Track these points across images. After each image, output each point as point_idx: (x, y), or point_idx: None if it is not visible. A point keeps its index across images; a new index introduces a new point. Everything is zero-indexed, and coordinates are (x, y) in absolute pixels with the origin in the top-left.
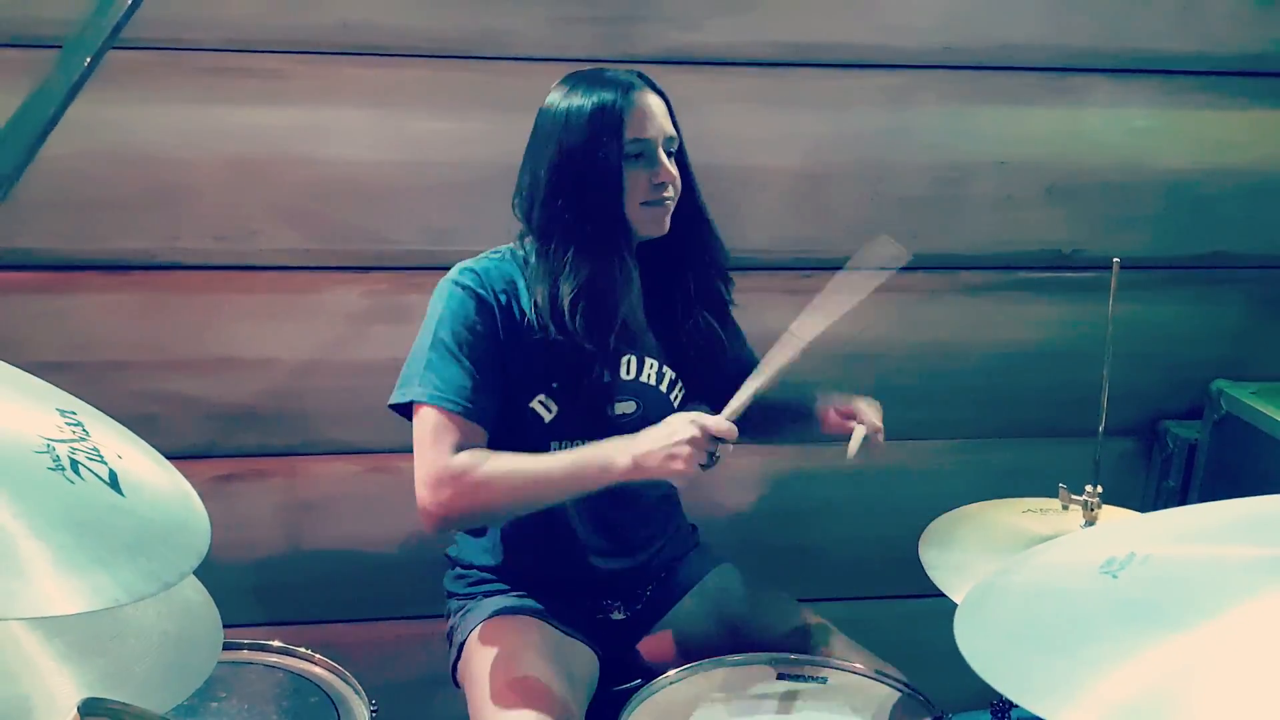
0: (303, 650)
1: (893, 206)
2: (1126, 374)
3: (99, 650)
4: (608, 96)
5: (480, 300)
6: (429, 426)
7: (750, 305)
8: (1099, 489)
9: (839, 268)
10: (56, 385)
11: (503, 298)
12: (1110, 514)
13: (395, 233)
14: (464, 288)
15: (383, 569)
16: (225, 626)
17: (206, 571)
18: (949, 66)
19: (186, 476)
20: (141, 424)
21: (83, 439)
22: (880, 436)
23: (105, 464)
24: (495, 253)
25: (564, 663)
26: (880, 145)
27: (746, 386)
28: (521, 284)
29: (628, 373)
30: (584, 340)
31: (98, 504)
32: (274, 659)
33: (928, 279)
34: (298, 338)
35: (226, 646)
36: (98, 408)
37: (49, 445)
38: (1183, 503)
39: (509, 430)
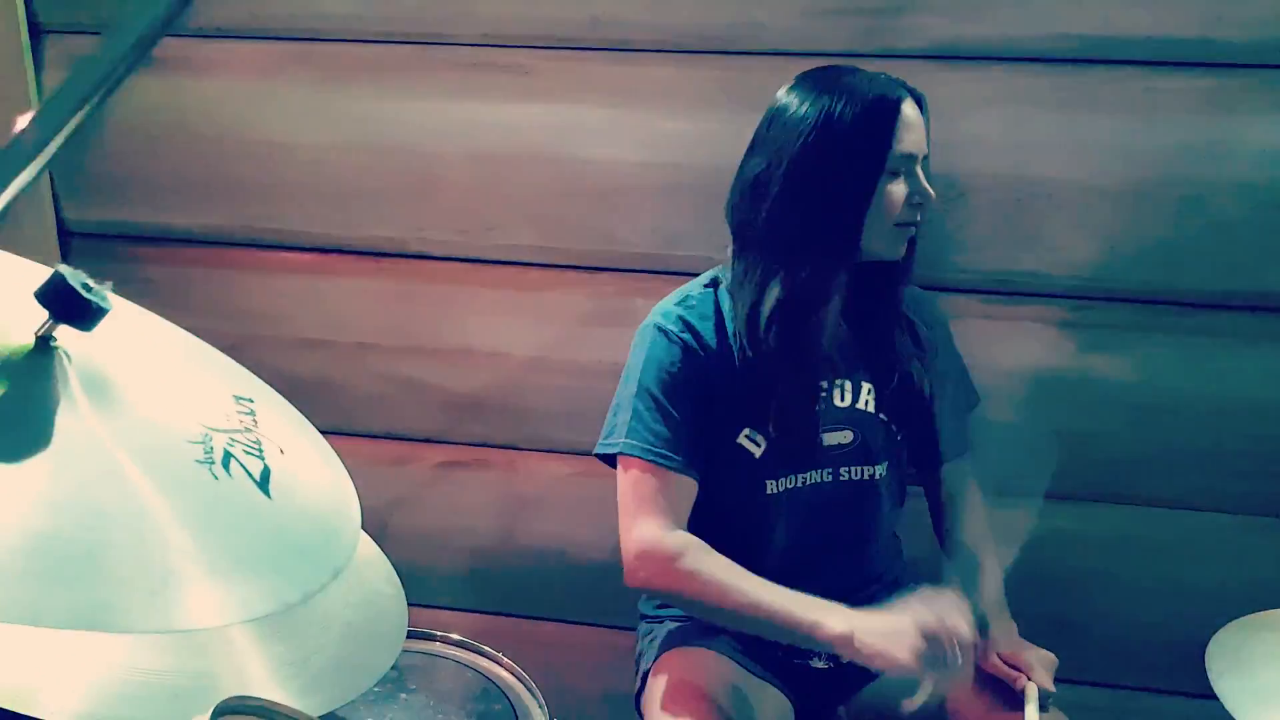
0: (490, 650)
1: (1204, 231)
2: None
3: (281, 635)
4: (875, 104)
5: (685, 347)
6: (637, 483)
7: (1022, 337)
8: None
9: (1129, 299)
10: (312, 362)
11: (708, 336)
12: None
13: (626, 234)
14: (665, 333)
15: (589, 573)
16: (439, 608)
17: (428, 553)
18: None
19: (416, 460)
20: (380, 404)
21: (248, 430)
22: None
23: (262, 459)
24: (704, 278)
25: (747, 706)
26: (1193, 159)
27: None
28: (728, 310)
29: (842, 399)
30: (783, 363)
31: (237, 505)
32: (467, 656)
33: (1239, 321)
34: (526, 334)
35: (423, 636)
36: (346, 386)
37: (206, 436)
38: None
39: (718, 469)
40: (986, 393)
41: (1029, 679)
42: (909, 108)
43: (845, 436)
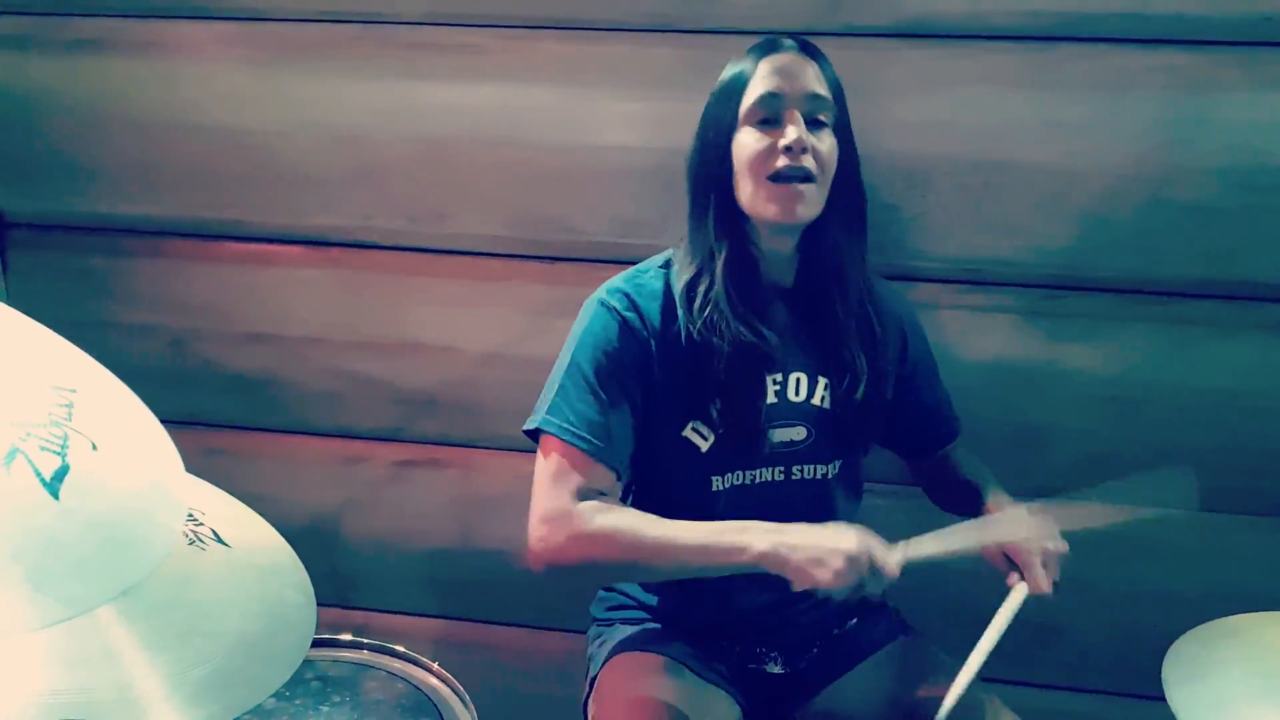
0: (423, 659)
1: (1177, 216)
2: None
3: (165, 646)
4: (746, 60)
5: (625, 325)
6: (553, 461)
7: (989, 328)
8: None
9: (1099, 289)
10: (258, 357)
11: (654, 317)
12: None
13: (583, 222)
14: (609, 309)
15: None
16: (393, 613)
17: (382, 556)
18: (1269, 44)
19: (369, 460)
20: (330, 401)
21: (57, 424)
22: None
23: (61, 457)
24: (658, 259)
25: (691, 713)
26: (1165, 140)
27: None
28: (679, 292)
29: (796, 394)
30: (721, 351)
31: (9, 506)
32: (397, 665)
33: (1217, 309)
34: (481, 327)
35: (354, 646)
36: (294, 382)
37: None
38: None
39: (663, 462)
40: (954, 386)
41: (1022, 578)
42: (783, 55)
43: (798, 433)
